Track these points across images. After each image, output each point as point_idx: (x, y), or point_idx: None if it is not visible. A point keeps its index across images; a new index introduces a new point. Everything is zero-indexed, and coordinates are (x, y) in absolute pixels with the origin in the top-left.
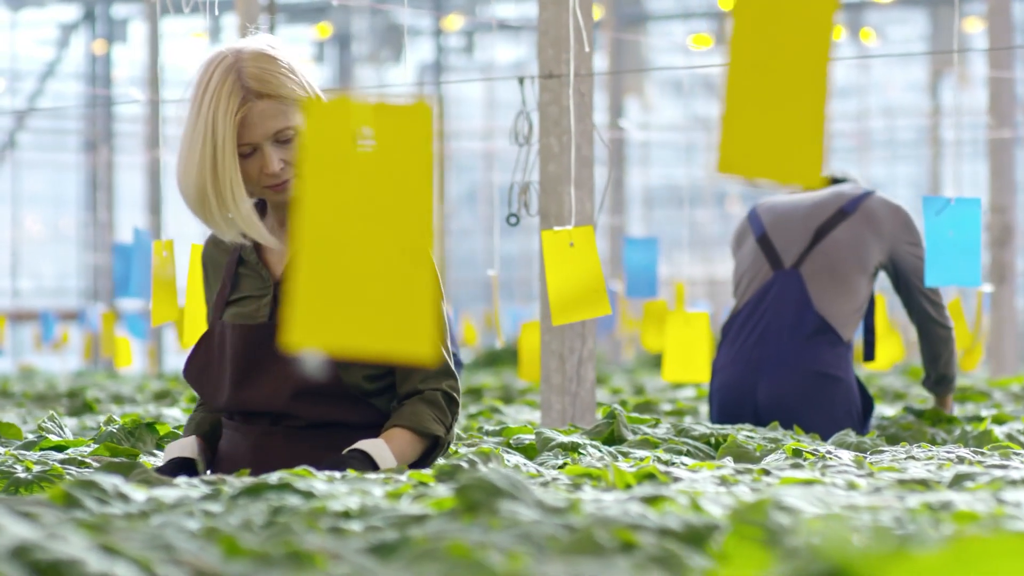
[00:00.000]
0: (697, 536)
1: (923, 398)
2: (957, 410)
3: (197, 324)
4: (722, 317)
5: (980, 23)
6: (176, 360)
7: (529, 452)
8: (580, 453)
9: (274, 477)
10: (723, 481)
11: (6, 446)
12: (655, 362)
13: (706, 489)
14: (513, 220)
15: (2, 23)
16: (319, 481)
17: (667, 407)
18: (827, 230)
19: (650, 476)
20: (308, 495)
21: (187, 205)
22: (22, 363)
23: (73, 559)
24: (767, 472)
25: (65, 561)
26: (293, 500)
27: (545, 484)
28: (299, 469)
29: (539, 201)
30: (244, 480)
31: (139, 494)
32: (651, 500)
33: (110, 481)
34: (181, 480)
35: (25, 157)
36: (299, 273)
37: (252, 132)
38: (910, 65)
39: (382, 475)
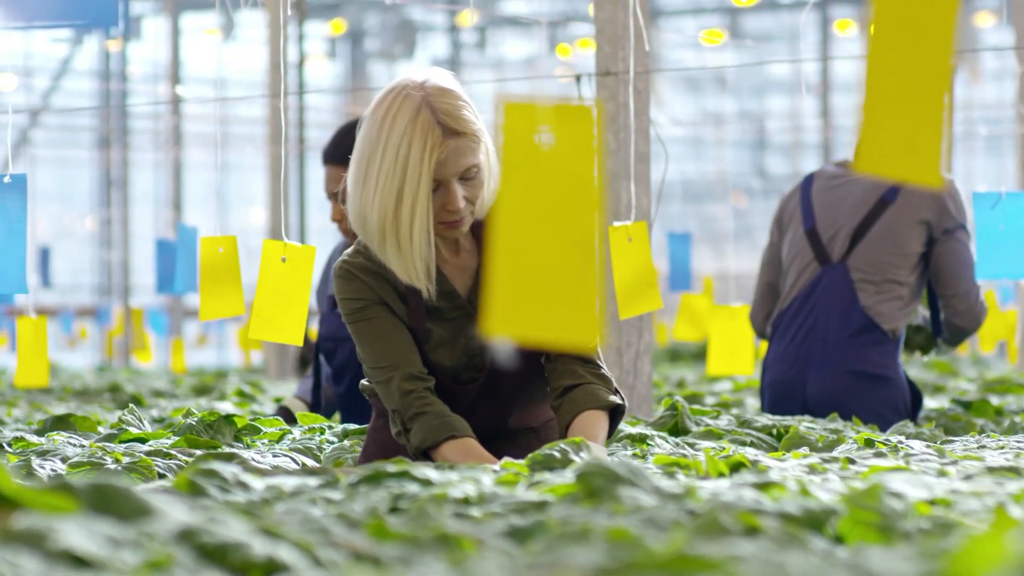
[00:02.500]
0: (816, 520)
1: (964, 390)
2: (997, 401)
3: (275, 321)
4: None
5: (991, 17)
6: (194, 357)
7: None
8: (648, 444)
9: (391, 465)
10: (812, 469)
11: (87, 438)
12: (671, 355)
13: (798, 477)
14: None
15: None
16: (432, 469)
17: (710, 400)
18: (869, 224)
19: (740, 465)
20: (426, 483)
21: (364, 236)
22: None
23: (238, 542)
24: (852, 461)
25: (231, 544)
26: (412, 487)
27: None
28: (400, 460)
29: None
30: (359, 469)
31: (258, 483)
32: (762, 486)
33: (229, 470)
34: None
35: (39, 154)
36: (498, 265)
37: (444, 169)
38: None
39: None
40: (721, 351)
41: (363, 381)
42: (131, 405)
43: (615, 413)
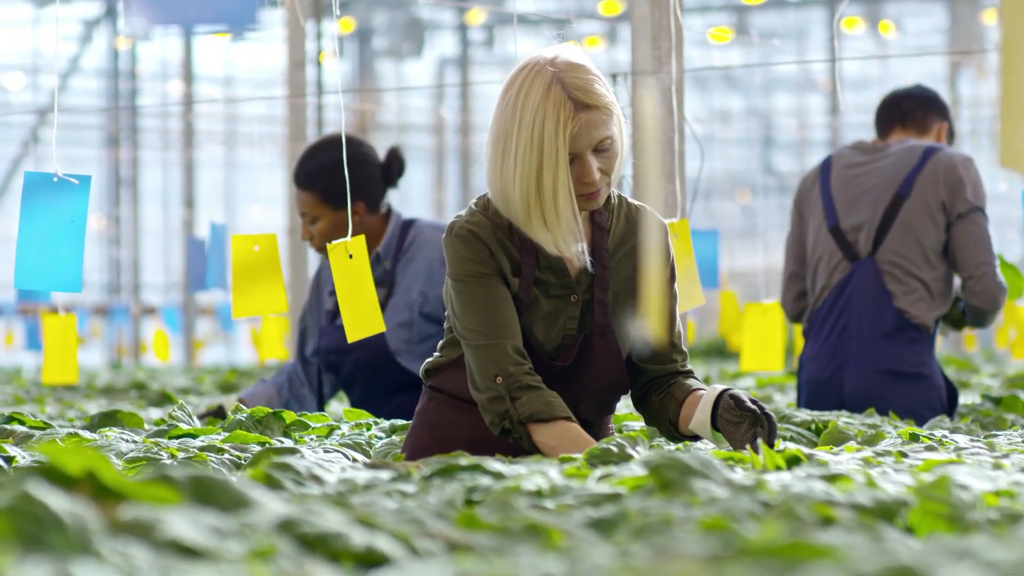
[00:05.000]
0: (888, 511)
1: (988, 386)
2: None
3: (361, 317)
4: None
5: (998, 15)
6: (205, 355)
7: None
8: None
9: (462, 459)
10: (866, 463)
11: (137, 434)
12: None
13: (863, 469)
14: None
15: (25, 19)
16: (502, 463)
17: None
18: (890, 220)
19: (796, 459)
20: (498, 476)
21: (508, 213)
22: None
23: (338, 533)
24: (905, 455)
25: (331, 534)
26: (484, 480)
27: None
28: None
29: (632, 195)
30: (432, 462)
31: (330, 476)
32: (830, 478)
33: (303, 464)
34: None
35: (47, 153)
36: None
37: (577, 143)
38: (928, 57)
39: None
40: (754, 348)
41: (428, 360)
42: (180, 401)
43: None
